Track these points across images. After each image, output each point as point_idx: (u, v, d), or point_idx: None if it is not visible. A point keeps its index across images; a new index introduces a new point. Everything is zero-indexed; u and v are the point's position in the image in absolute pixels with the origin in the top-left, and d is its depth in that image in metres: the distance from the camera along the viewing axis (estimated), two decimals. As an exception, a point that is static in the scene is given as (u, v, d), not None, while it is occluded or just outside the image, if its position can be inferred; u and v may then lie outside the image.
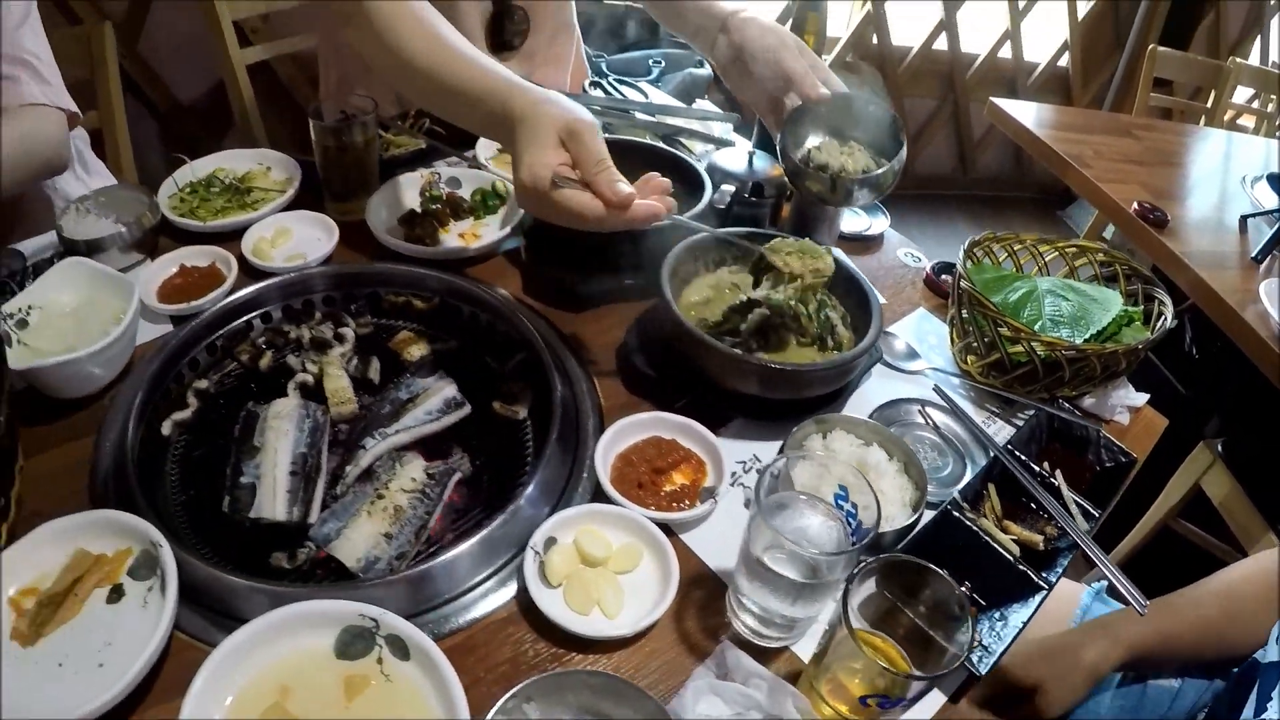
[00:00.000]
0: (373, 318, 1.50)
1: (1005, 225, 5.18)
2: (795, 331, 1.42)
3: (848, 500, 1.08)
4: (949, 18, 4.81)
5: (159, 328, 1.46)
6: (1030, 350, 1.45)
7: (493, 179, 1.79)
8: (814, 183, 1.56)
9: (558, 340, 1.47)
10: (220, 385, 1.38)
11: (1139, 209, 2.71)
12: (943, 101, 5.17)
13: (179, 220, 1.65)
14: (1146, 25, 5.29)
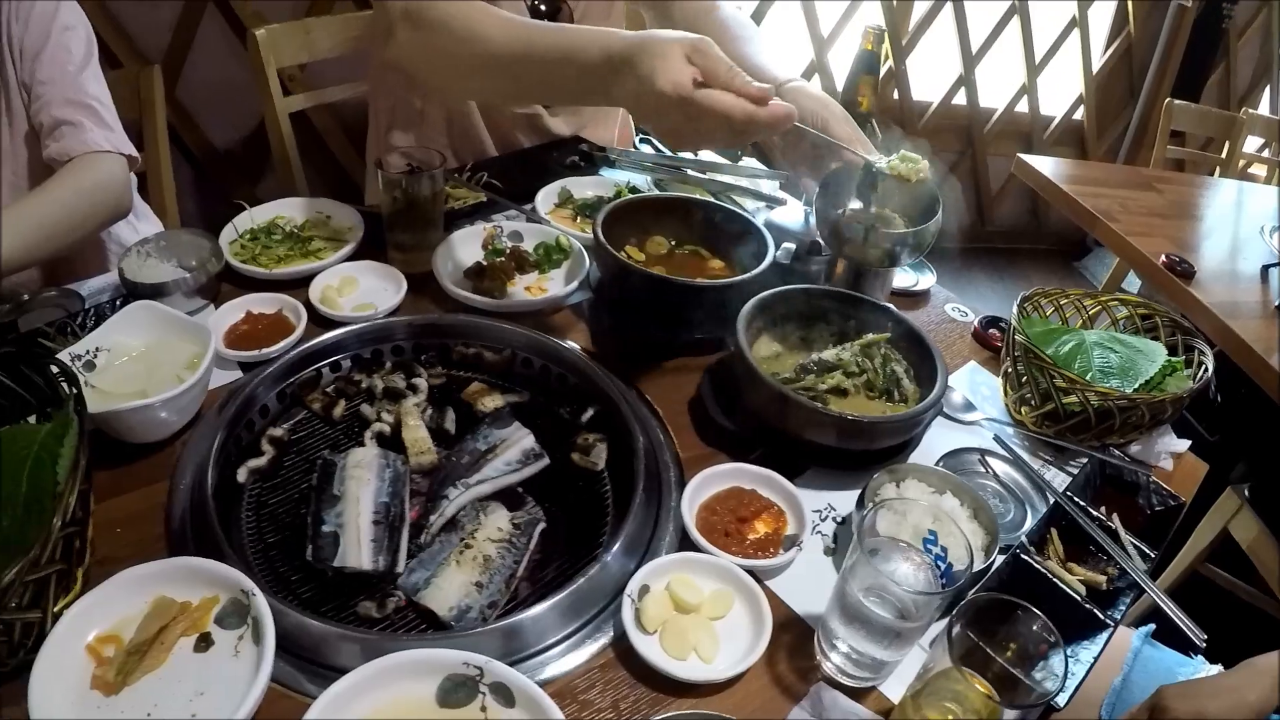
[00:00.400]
0: (443, 369, 1.52)
1: (1022, 276, 5.48)
2: (864, 385, 1.47)
3: (936, 544, 1.13)
4: (968, 74, 4.87)
5: (227, 374, 1.47)
6: (1084, 400, 1.49)
7: (555, 233, 1.83)
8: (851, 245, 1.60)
9: (631, 393, 1.50)
10: (294, 433, 1.40)
11: (1166, 261, 2.75)
12: (961, 155, 5.22)
13: (242, 267, 1.67)
14: (1159, 78, 5.36)
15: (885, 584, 1.01)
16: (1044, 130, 5.37)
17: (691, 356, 1.62)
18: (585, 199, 2.01)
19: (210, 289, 1.62)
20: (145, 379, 1.36)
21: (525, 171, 2.09)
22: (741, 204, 1.98)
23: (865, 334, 1.56)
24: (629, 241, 1.74)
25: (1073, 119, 5.44)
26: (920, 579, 1.06)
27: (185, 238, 1.65)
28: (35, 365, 1.19)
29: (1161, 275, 2.75)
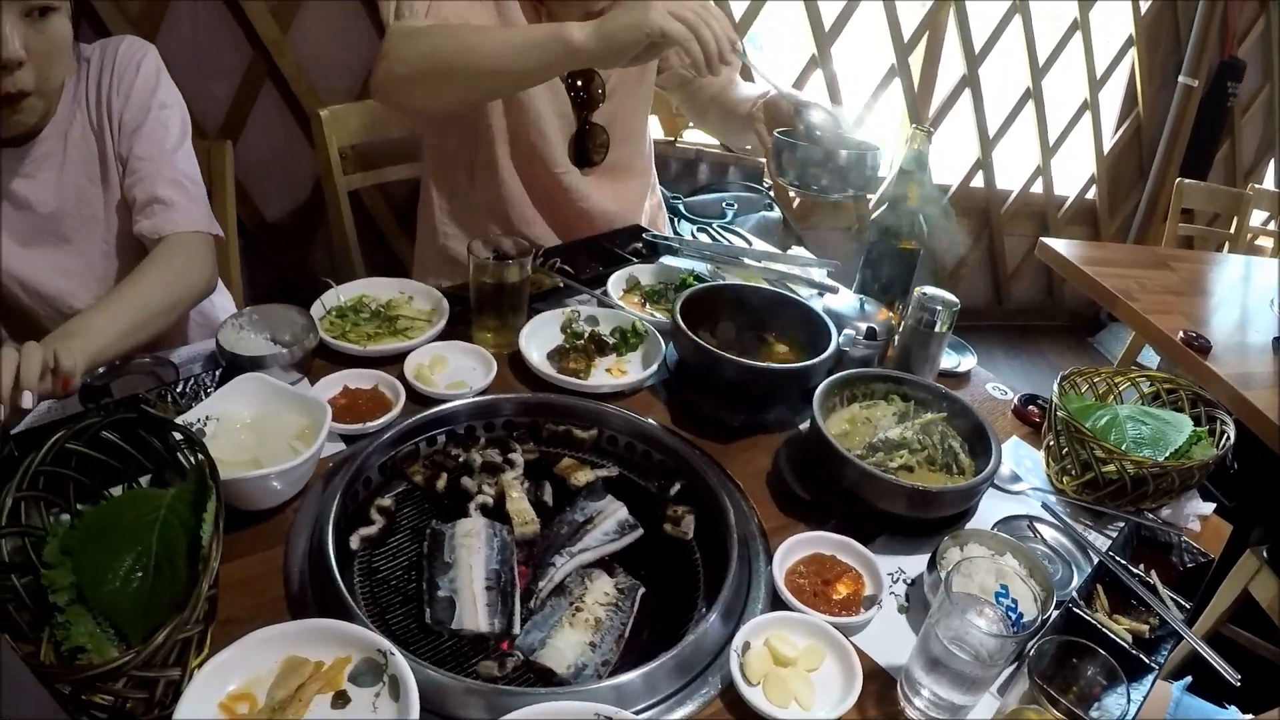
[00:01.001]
0: (534, 445, 1.61)
1: (1038, 353, 5.58)
2: (925, 460, 1.61)
3: (1007, 596, 1.27)
4: (985, 157, 4.99)
5: (331, 445, 1.54)
6: (1122, 469, 1.63)
7: (630, 318, 1.94)
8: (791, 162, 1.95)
9: (714, 467, 1.61)
10: (399, 503, 1.47)
11: (1184, 337, 2.86)
12: (979, 236, 5.33)
13: (334, 342, 1.76)
14: (1168, 157, 5.46)
15: (968, 632, 1.14)
16: (1058, 210, 5.46)
17: (763, 434, 1.74)
18: (652, 285, 2.14)
19: (305, 363, 1.70)
20: (256, 448, 1.43)
21: (592, 258, 2.22)
22: (796, 290, 2.10)
23: (922, 411, 1.70)
24: (701, 327, 1.84)
25: (1085, 198, 5.55)
26: (996, 628, 1.18)
27: (278, 312, 1.74)
28: (154, 430, 1.26)
29: (1180, 351, 2.85)
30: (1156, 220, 5.56)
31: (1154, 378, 1.94)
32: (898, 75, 4.52)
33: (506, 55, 1.82)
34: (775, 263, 2.24)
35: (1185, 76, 5.31)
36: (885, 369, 1.82)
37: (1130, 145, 5.54)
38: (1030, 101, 4.98)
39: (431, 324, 1.87)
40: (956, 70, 4.75)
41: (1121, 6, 5.05)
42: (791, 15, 4.15)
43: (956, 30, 4.61)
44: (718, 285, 1.97)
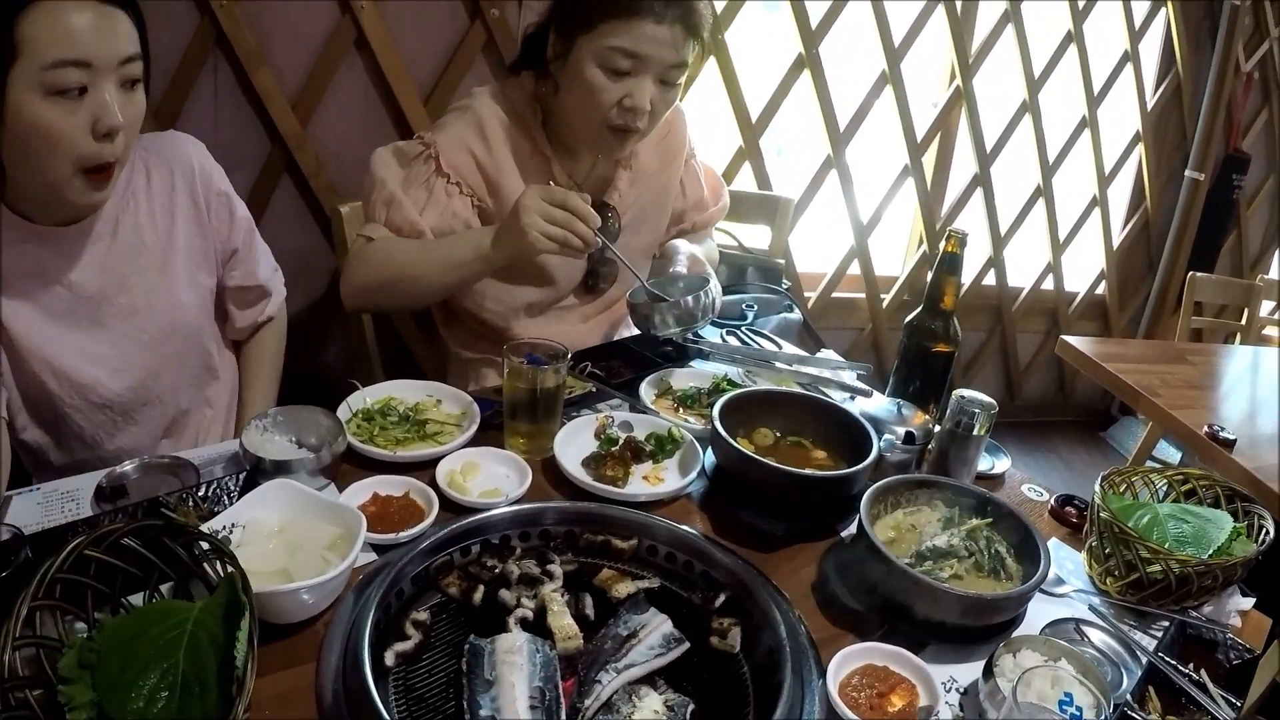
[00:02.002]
0: (573, 555, 1.57)
1: (1051, 449, 5.58)
2: (972, 566, 1.60)
3: (1072, 704, 1.25)
4: (996, 255, 5.00)
5: (362, 555, 1.48)
6: (1168, 568, 1.61)
7: (665, 425, 1.92)
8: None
9: (759, 577, 1.57)
10: (434, 616, 1.43)
11: (1209, 432, 2.85)
12: (991, 333, 5.32)
13: (362, 447, 1.73)
14: (1176, 249, 5.47)
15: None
16: (1069, 305, 5.46)
17: (806, 543, 1.71)
18: (685, 389, 2.12)
19: (333, 468, 1.66)
20: (286, 558, 1.40)
21: (621, 362, 2.23)
22: (829, 394, 2.09)
23: (966, 516, 1.68)
24: (738, 433, 1.83)
25: (1096, 293, 5.55)
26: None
27: (303, 413, 1.72)
28: (178, 538, 1.23)
29: (1206, 445, 2.85)
30: (1166, 313, 5.57)
31: (1190, 474, 1.93)
32: (911, 175, 4.55)
33: (435, 272, 2.10)
34: (806, 366, 2.24)
35: (1192, 170, 5.34)
36: (926, 474, 1.80)
37: (1139, 239, 5.56)
38: (1040, 199, 5.01)
39: (462, 429, 1.86)
40: (968, 169, 4.78)
41: (1129, 103, 5.10)
42: (808, 117, 4.22)
43: (968, 129, 4.65)
44: (755, 390, 1.97)
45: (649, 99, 2.04)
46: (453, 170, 2.13)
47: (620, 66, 2.01)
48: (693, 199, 2.57)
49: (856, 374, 2.23)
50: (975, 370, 5.38)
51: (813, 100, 4.16)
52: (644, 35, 1.98)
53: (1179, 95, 5.22)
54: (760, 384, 2.13)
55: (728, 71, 3.90)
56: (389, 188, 2.11)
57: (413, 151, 2.15)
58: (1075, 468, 5.35)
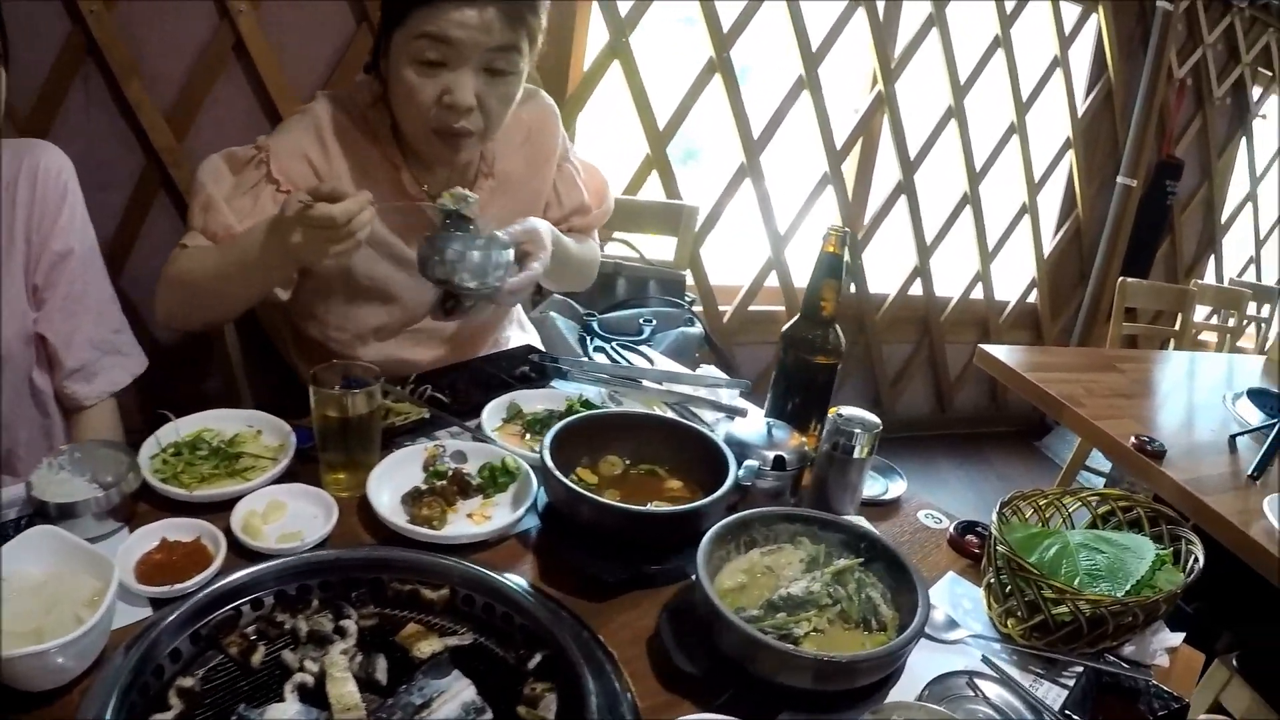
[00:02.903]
0: (376, 607, 1.37)
1: (984, 460, 5.51)
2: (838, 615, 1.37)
3: None
4: (923, 264, 4.92)
5: (136, 610, 1.32)
6: (1076, 610, 1.42)
7: (501, 454, 1.71)
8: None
9: (583, 633, 1.36)
10: (206, 682, 1.22)
11: (1136, 443, 2.71)
12: (919, 345, 5.26)
13: (160, 486, 1.53)
14: (1109, 257, 5.48)
15: None
16: (999, 315, 5.44)
17: (650, 589, 1.50)
18: (535, 414, 1.92)
19: (124, 510, 1.49)
20: (42, 616, 1.23)
21: (473, 384, 2.02)
22: (700, 415, 1.91)
23: (835, 555, 1.46)
24: (580, 462, 1.65)
25: (1027, 302, 5.53)
26: None
27: (102, 451, 1.53)
28: None
29: (1133, 458, 2.71)
30: (1100, 321, 5.57)
31: (1107, 495, 1.76)
32: (831, 183, 4.44)
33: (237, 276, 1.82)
34: (679, 384, 2.04)
35: (1124, 176, 5.37)
36: (793, 506, 1.58)
37: (1070, 247, 5.56)
38: (968, 207, 4.96)
39: (278, 463, 1.64)
40: (892, 177, 4.71)
41: (1059, 109, 5.10)
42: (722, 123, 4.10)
43: (891, 136, 4.58)
44: (597, 414, 1.74)
45: (472, 92, 1.82)
46: (284, 177, 1.91)
47: (430, 57, 1.79)
48: (570, 204, 2.34)
49: (739, 391, 2.07)
50: (904, 383, 5.32)
51: (725, 106, 4.03)
52: (451, 20, 1.76)
53: (1110, 101, 5.23)
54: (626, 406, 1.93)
55: (633, 76, 3.75)
56: (207, 191, 1.89)
57: (245, 157, 1.94)
58: (1010, 479, 5.29)
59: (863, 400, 5.02)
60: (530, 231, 1.90)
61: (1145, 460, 2.66)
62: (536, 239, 1.90)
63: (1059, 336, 5.75)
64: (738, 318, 4.45)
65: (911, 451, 5.11)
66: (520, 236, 1.88)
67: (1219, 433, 3.03)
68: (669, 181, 3.92)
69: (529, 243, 1.89)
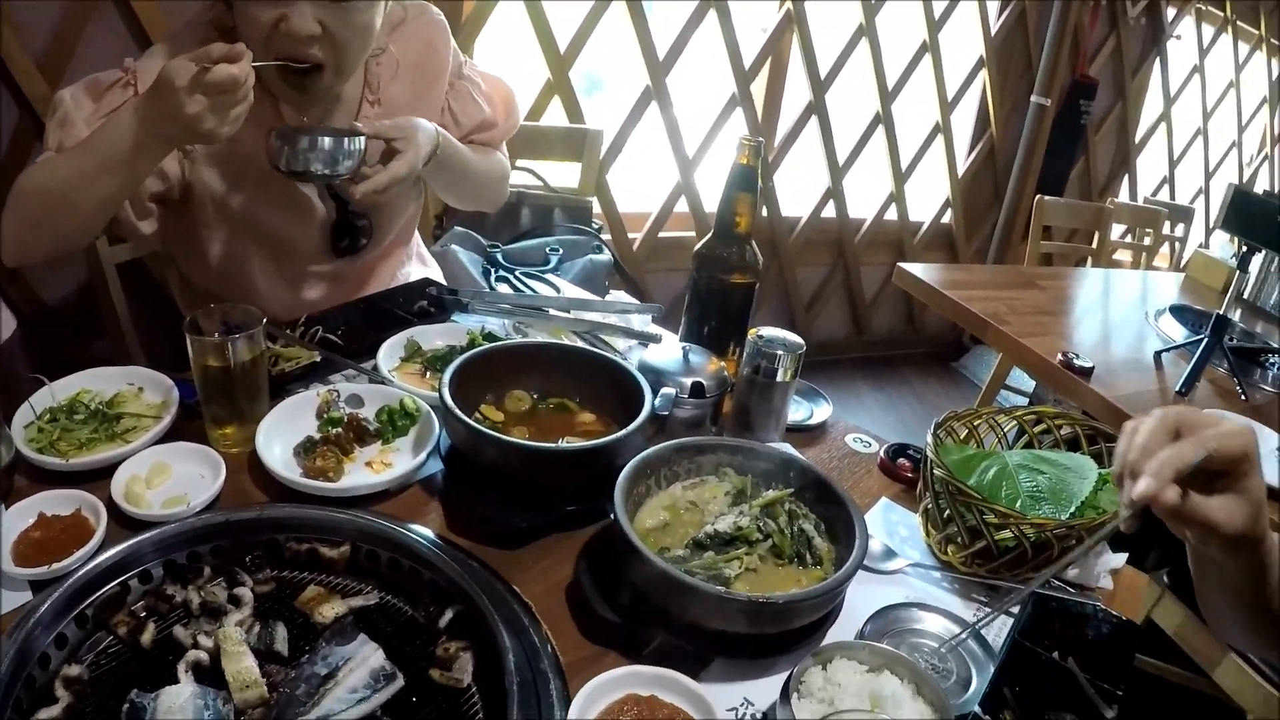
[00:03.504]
0: (273, 571, 1.27)
1: (902, 382, 5.52)
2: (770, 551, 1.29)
3: None
4: (835, 185, 4.86)
5: (17, 595, 1.22)
6: (1020, 534, 1.36)
7: (399, 395, 1.61)
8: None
9: (496, 585, 1.27)
10: (95, 669, 1.13)
11: (1063, 360, 2.69)
12: (833, 268, 5.22)
13: (35, 457, 1.41)
14: (1024, 177, 5.47)
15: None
16: (914, 236, 5.41)
17: (566, 533, 1.41)
18: (435, 350, 1.81)
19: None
20: None
21: (367, 322, 1.91)
22: (611, 343, 1.84)
23: (763, 486, 1.39)
24: (485, 400, 1.56)
25: (942, 222, 5.52)
26: None
27: None
28: None
29: (1061, 375, 2.70)
30: (1015, 241, 5.59)
31: (1042, 413, 1.70)
32: (739, 105, 4.34)
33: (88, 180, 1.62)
34: (587, 311, 1.96)
35: (1038, 96, 5.35)
36: (715, 435, 1.49)
37: (985, 167, 5.55)
38: (880, 127, 4.90)
39: (161, 421, 1.52)
40: (802, 98, 4.62)
41: (971, 29, 5.04)
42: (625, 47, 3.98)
43: (801, 56, 4.48)
44: (500, 346, 1.63)
45: (311, 19, 1.66)
46: None
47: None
48: (469, 122, 2.17)
49: (651, 317, 2.00)
50: (819, 307, 5.28)
51: (629, 28, 3.91)
52: None
53: (1024, 21, 5.19)
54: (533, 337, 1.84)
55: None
56: (65, 108, 1.73)
57: (110, 80, 1.77)
58: (928, 401, 5.31)
59: (778, 324, 4.92)
60: (401, 126, 1.76)
61: (1073, 377, 2.65)
62: (408, 135, 1.76)
63: (974, 257, 5.76)
64: (647, 245, 4.36)
65: (829, 375, 5.11)
66: (388, 131, 1.74)
67: (1141, 349, 3.05)
68: (572, 106, 3.81)
69: (400, 139, 1.75)
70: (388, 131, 1.74)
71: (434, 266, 2.38)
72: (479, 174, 2.13)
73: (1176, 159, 6.49)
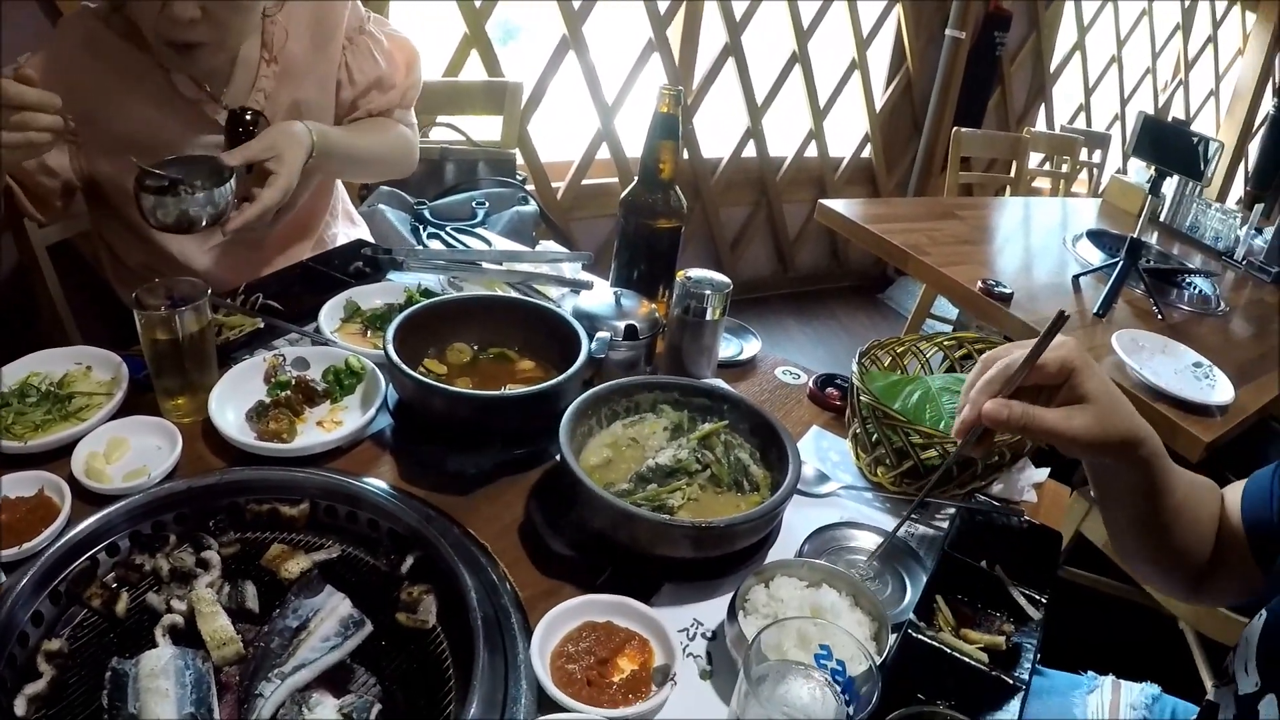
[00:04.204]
0: (237, 533, 1.29)
1: (829, 315, 5.59)
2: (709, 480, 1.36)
3: (831, 658, 1.01)
4: (755, 125, 4.89)
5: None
6: (944, 453, 1.43)
7: (343, 354, 1.64)
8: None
9: (452, 529, 1.32)
10: (75, 641, 1.15)
11: (983, 287, 2.76)
12: (756, 207, 5.26)
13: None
14: (941, 109, 5.51)
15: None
16: (835, 171, 5.46)
17: (515, 476, 1.46)
18: (374, 309, 1.83)
19: None
20: None
21: (306, 286, 1.92)
22: (545, 292, 1.87)
23: (699, 420, 1.45)
24: (427, 354, 1.59)
25: (861, 157, 5.56)
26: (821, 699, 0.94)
27: None
28: None
29: (981, 302, 2.76)
30: (934, 172, 5.62)
31: (962, 339, 1.78)
32: (657, 50, 4.35)
33: None
34: (519, 263, 1.99)
35: (952, 29, 5.36)
36: (650, 374, 1.56)
37: (902, 101, 5.58)
38: (797, 65, 4.91)
39: (113, 398, 1.53)
40: (718, 40, 4.62)
41: None
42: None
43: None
44: (439, 301, 1.66)
45: (194, 6, 1.64)
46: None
47: None
48: (364, 80, 2.11)
49: (581, 264, 2.02)
50: (744, 246, 5.33)
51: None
52: None
53: None
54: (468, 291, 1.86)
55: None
56: None
57: None
58: (855, 332, 5.39)
59: (705, 265, 4.93)
60: (270, 145, 1.73)
61: (993, 304, 2.72)
62: (279, 153, 1.74)
63: (895, 190, 5.80)
64: (572, 193, 4.37)
65: (757, 312, 5.19)
66: (257, 154, 1.71)
67: (1060, 274, 3.13)
68: (490, 60, 3.80)
69: (271, 159, 1.73)
70: (257, 155, 1.72)
71: (363, 226, 2.39)
72: (371, 153, 2.12)
73: (1092, 87, 6.56)
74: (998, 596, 1.27)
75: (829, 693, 0.95)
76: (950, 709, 1.03)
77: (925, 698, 1.11)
